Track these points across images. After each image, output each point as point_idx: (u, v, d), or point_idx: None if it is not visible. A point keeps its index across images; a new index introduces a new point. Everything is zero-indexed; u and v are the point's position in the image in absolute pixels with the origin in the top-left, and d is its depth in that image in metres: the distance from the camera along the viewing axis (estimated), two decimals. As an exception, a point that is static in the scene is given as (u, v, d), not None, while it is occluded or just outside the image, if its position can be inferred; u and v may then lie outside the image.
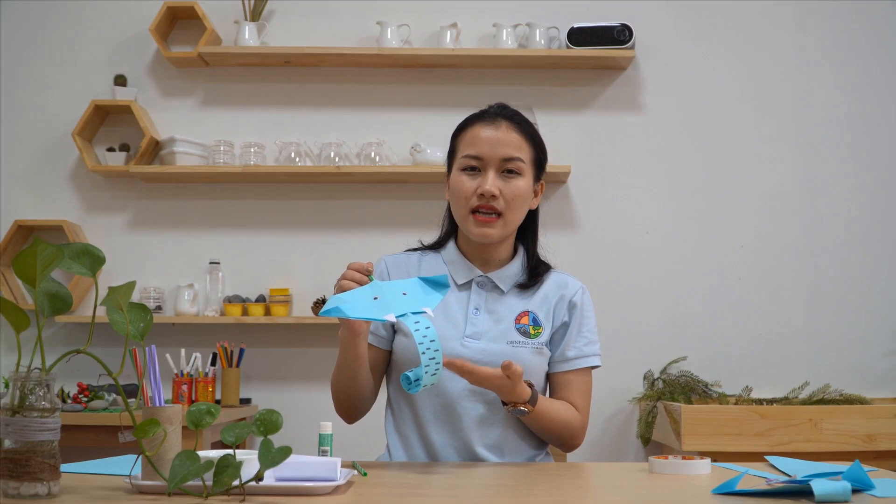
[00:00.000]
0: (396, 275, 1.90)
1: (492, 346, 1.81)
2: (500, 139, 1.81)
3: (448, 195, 1.89)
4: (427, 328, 1.50)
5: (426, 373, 1.52)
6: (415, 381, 1.58)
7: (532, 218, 1.93)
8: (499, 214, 1.80)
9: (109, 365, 1.27)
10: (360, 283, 1.60)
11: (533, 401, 1.71)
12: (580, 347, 1.86)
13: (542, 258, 1.95)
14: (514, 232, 1.89)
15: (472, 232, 1.83)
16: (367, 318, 1.53)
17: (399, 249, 2.00)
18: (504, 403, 1.72)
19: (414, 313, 1.53)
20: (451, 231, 1.95)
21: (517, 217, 1.84)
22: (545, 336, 1.85)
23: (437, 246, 1.96)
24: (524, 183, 1.82)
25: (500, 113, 1.86)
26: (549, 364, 1.88)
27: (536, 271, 1.90)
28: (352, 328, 1.66)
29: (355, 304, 1.54)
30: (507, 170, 1.81)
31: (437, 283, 1.61)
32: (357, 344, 1.71)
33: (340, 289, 1.60)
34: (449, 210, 1.94)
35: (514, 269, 1.89)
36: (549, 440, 1.85)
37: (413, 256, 1.94)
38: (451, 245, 1.93)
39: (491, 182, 1.79)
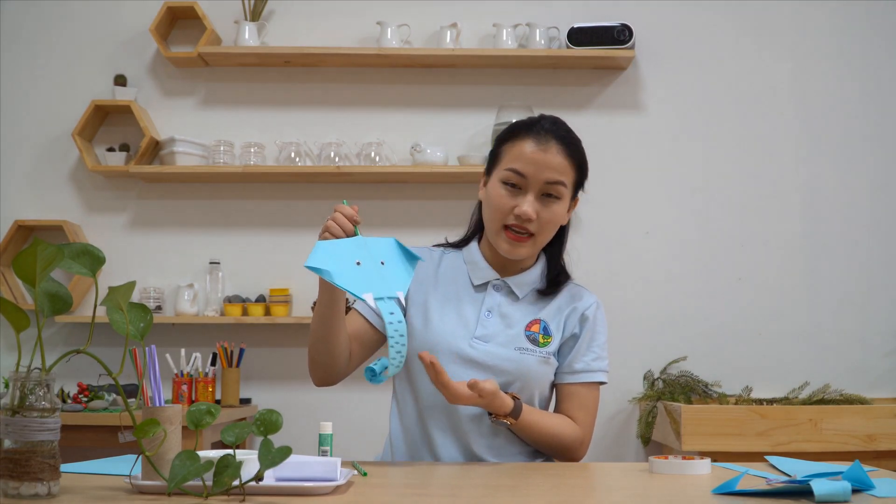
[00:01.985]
0: (418, 268, 1.88)
1: (500, 350, 1.81)
2: (547, 162, 1.78)
3: (482, 195, 1.88)
4: (399, 322, 1.55)
5: (392, 364, 1.56)
6: (380, 373, 1.60)
7: (561, 230, 1.92)
8: (531, 234, 1.80)
9: (109, 365, 1.27)
10: (346, 231, 1.63)
11: (515, 413, 1.72)
12: (588, 362, 1.86)
13: (566, 268, 1.95)
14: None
15: (501, 247, 1.82)
16: (348, 290, 1.54)
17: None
18: (489, 414, 1.73)
19: (389, 298, 1.56)
20: (476, 231, 1.95)
21: (548, 238, 1.85)
22: (554, 346, 1.85)
23: (461, 244, 1.96)
24: (561, 207, 1.82)
25: (552, 132, 1.82)
26: (555, 374, 1.87)
27: (557, 280, 1.90)
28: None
29: (339, 266, 1.55)
30: (548, 193, 1.79)
31: (409, 255, 1.63)
32: (333, 288, 1.68)
33: (326, 230, 1.62)
34: (479, 209, 1.93)
35: (533, 276, 1.89)
36: (545, 452, 1.85)
37: (436, 252, 1.96)
38: (473, 245, 1.93)
39: (529, 204, 1.77)
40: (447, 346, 1.80)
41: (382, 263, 1.60)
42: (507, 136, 1.86)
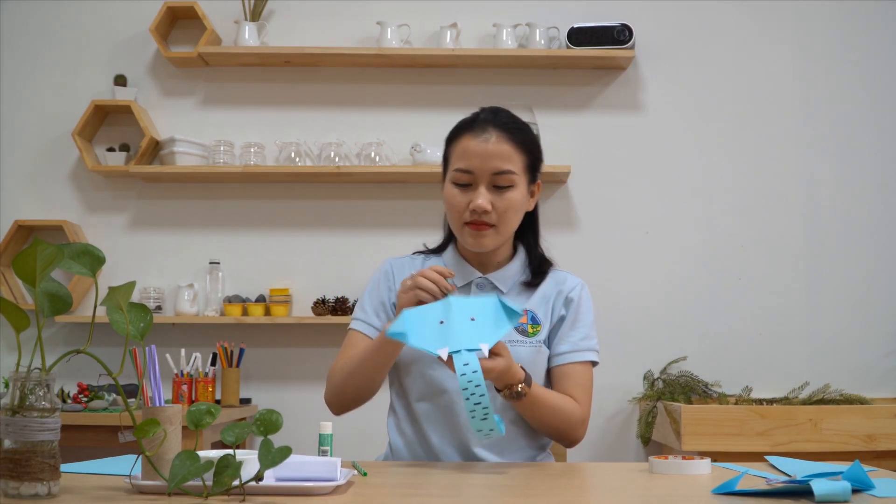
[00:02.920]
0: (400, 278, 1.90)
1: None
2: (490, 152, 1.78)
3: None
4: (474, 372, 1.49)
5: (473, 417, 1.49)
6: (476, 430, 1.54)
7: (531, 217, 1.92)
8: (492, 225, 1.80)
9: (109, 365, 1.27)
10: (439, 285, 1.64)
11: (528, 382, 1.71)
12: (575, 342, 1.86)
13: (545, 255, 1.95)
14: (510, 237, 1.89)
15: (467, 242, 1.83)
16: (424, 348, 1.54)
17: (399, 249, 2.01)
18: (499, 391, 1.71)
19: (469, 350, 1.52)
20: (452, 235, 1.95)
21: (511, 226, 1.84)
22: (544, 334, 1.85)
23: (439, 249, 1.96)
24: (517, 194, 1.81)
25: (491, 121, 1.81)
26: (548, 360, 1.87)
27: (541, 269, 1.91)
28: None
29: (420, 328, 1.55)
30: (499, 185, 1.79)
31: (510, 311, 1.60)
32: (398, 345, 1.72)
33: (417, 291, 1.63)
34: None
35: (514, 269, 1.89)
36: (548, 432, 1.83)
37: (417, 260, 1.95)
38: (450, 248, 1.93)
39: (482, 198, 1.77)
40: (433, 357, 1.80)
41: (472, 319, 1.57)
42: (451, 136, 1.86)
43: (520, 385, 1.68)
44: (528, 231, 1.93)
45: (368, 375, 1.78)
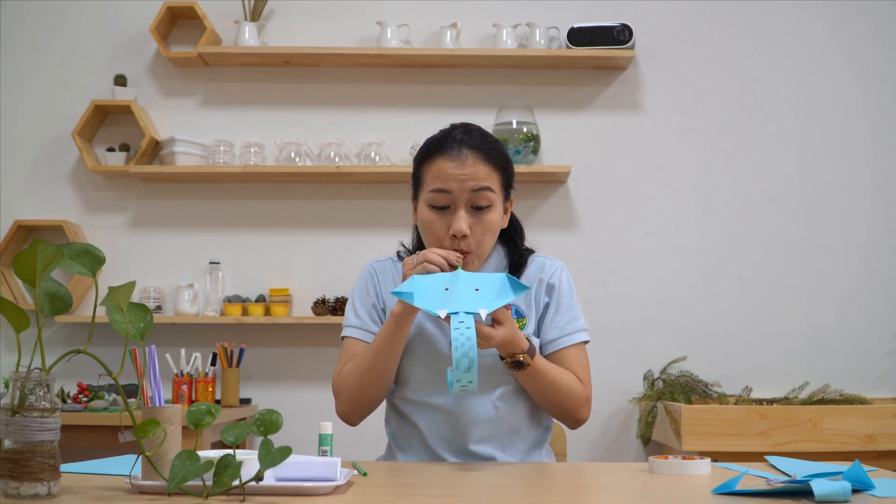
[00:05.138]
0: (384, 280, 1.90)
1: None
2: (466, 175, 1.76)
3: (415, 219, 1.86)
4: (468, 328, 1.52)
5: (457, 367, 1.51)
6: (450, 382, 1.60)
7: (511, 222, 1.91)
8: (469, 252, 1.78)
9: (109, 365, 1.27)
10: (448, 260, 1.67)
11: (531, 352, 1.71)
12: (562, 326, 1.85)
13: (527, 247, 1.94)
14: None
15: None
16: (425, 309, 1.58)
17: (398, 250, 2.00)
18: (502, 359, 1.71)
19: (467, 313, 1.55)
20: (421, 245, 1.92)
21: (489, 248, 1.82)
22: (531, 326, 1.85)
23: (415, 252, 1.95)
24: (494, 215, 1.79)
25: (465, 142, 1.79)
26: (540, 349, 1.87)
27: (519, 262, 1.89)
28: (408, 304, 1.67)
29: (425, 292, 1.60)
30: (478, 206, 1.77)
31: (517, 284, 1.63)
32: (409, 321, 1.73)
33: (425, 260, 1.66)
34: (417, 230, 1.92)
35: (490, 268, 1.88)
36: (552, 409, 1.82)
37: (398, 263, 1.94)
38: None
39: (462, 220, 1.75)
40: (431, 350, 1.81)
41: (477, 290, 1.60)
42: (423, 157, 1.83)
43: (521, 354, 1.69)
44: (507, 233, 1.92)
45: (385, 367, 1.77)
